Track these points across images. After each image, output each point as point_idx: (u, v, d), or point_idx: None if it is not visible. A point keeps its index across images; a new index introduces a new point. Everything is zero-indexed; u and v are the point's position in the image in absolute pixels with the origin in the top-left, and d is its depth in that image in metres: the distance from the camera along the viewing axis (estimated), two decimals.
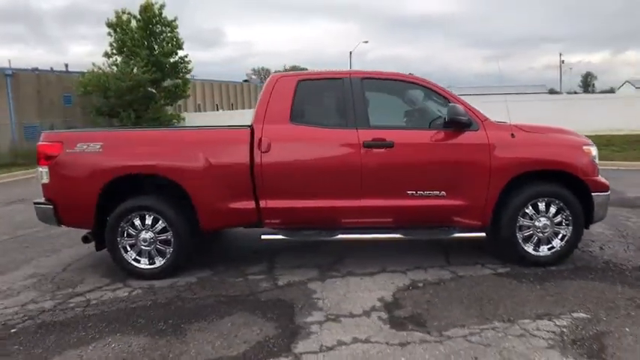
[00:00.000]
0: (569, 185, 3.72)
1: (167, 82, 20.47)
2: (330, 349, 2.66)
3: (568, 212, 3.72)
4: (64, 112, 18.85)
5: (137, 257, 3.95)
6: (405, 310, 3.15)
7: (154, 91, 19.70)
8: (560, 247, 3.78)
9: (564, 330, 2.74)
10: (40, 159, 3.93)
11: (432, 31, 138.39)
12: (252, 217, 3.89)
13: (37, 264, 4.53)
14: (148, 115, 19.04)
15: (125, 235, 3.92)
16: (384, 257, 4.18)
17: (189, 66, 21.33)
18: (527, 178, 3.73)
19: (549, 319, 2.88)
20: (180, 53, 20.71)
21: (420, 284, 3.59)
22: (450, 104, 3.61)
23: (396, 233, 3.85)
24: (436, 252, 4.29)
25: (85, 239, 4.07)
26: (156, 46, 20.14)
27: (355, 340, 2.74)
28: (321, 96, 4.02)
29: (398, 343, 2.70)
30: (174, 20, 20.39)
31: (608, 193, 3.75)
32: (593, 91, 52.61)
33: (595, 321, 2.84)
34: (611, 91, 44.87)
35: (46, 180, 3.92)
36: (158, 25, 20.13)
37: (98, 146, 3.82)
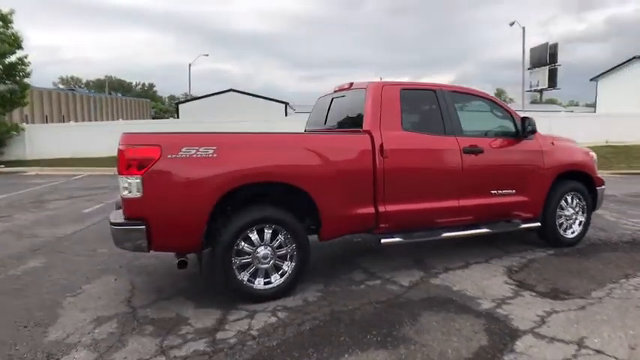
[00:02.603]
0: (583, 181, 4.95)
1: (1, 87, 16.30)
2: (546, 319, 3.07)
3: (584, 203, 4.94)
4: None
5: (250, 278, 3.47)
6: (538, 287, 3.72)
7: None
8: (579, 230, 4.96)
9: None
10: (129, 167, 3.10)
11: (253, 49, 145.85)
12: (370, 222, 3.88)
13: (76, 307, 3.46)
14: None
15: (240, 253, 3.40)
16: (456, 253, 4.65)
17: (28, 69, 17.54)
18: (560, 178, 4.79)
19: (633, 277, 3.89)
20: (20, 53, 16.91)
21: (515, 269, 4.21)
22: (530, 117, 4.43)
23: (483, 229, 4.41)
24: (486, 245, 4.97)
25: (183, 264, 3.35)
26: None
27: (550, 312, 3.19)
28: (420, 105, 4.32)
29: (577, 307, 3.27)
30: (11, 14, 16.60)
31: (604, 187, 5.15)
32: None
33: None
34: None
35: (136, 194, 3.10)
36: None
37: (211, 151, 3.26)
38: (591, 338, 2.81)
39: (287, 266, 3.58)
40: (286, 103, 41.84)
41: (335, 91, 4.86)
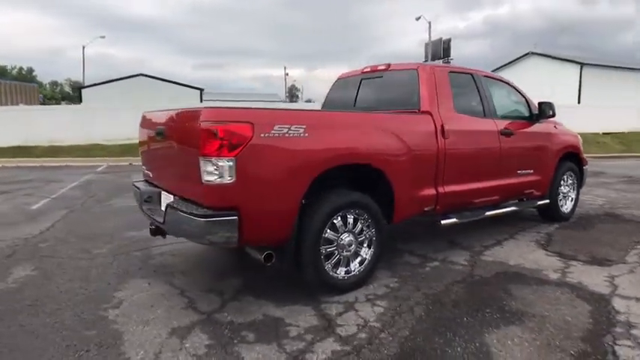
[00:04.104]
0: (574, 162, 5.52)
1: None
2: (614, 282, 3.40)
3: (575, 181, 5.53)
4: None
5: (333, 268, 3.22)
6: (579, 257, 4.06)
7: None
8: (571, 207, 5.55)
9: None
10: (220, 147, 2.63)
11: (142, 33, 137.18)
12: (430, 204, 3.86)
13: (132, 320, 2.86)
14: None
15: (326, 242, 3.13)
16: (480, 232, 4.85)
17: None
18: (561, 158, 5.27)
19: None
20: None
21: (543, 242, 4.56)
22: (550, 102, 4.75)
23: (511, 207, 4.68)
24: (499, 224, 5.24)
25: (270, 257, 2.95)
26: None
27: (611, 277, 3.54)
28: (464, 87, 4.34)
29: (627, 271, 3.67)
30: None
31: (587, 166, 5.80)
32: (296, 101, 59.21)
33: None
34: (309, 101, 54.42)
35: (228, 179, 2.65)
36: None
37: (302, 130, 2.92)
38: None
39: (365, 253, 3.39)
40: (201, 89, 39.77)
41: (364, 72, 4.70)
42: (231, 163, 2.65)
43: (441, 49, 33.38)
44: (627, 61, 31.66)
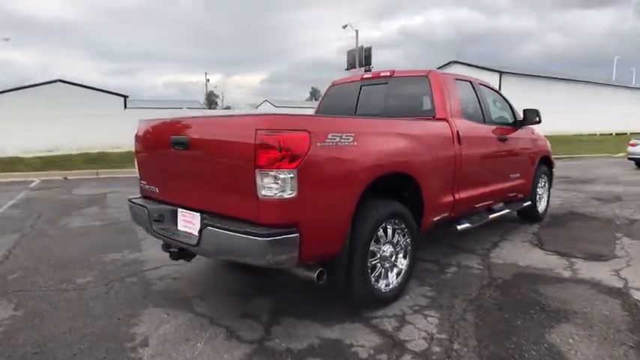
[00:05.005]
0: (545, 164, 5.97)
1: None
2: (620, 276, 3.69)
3: (547, 183, 5.98)
4: None
5: (375, 281, 3.11)
6: (575, 254, 4.35)
7: None
8: (545, 207, 5.98)
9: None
10: (282, 159, 2.39)
11: (45, 37, 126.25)
12: (448, 210, 3.90)
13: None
14: None
15: (371, 254, 3.02)
16: (475, 236, 5.02)
17: None
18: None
19: (621, 238, 4.92)
20: None
21: (535, 242, 4.84)
22: (537, 109, 5.07)
23: (505, 209, 4.91)
24: (485, 227, 5.38)
25: (322, 275, 2.76)
26: None
27: (615, 270, 3.84)
28: (467, 94, 4.44)
29: (625, 265, 4.00)
30: None
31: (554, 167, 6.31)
32: (215, 108, 56.99)
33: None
34: (228, 108, 51.06)
35: (290, 193, 2.43)
36: None
37: (351, 138, 2.79)
38: None
39: (401, 264, 3.32)
40: (125, 96, 37.18)
41: (364, 79, 4.66)
42: (292, 175, 2.43)
43: (362, 57, 34.51)
44: (538, 70, 35.43)
